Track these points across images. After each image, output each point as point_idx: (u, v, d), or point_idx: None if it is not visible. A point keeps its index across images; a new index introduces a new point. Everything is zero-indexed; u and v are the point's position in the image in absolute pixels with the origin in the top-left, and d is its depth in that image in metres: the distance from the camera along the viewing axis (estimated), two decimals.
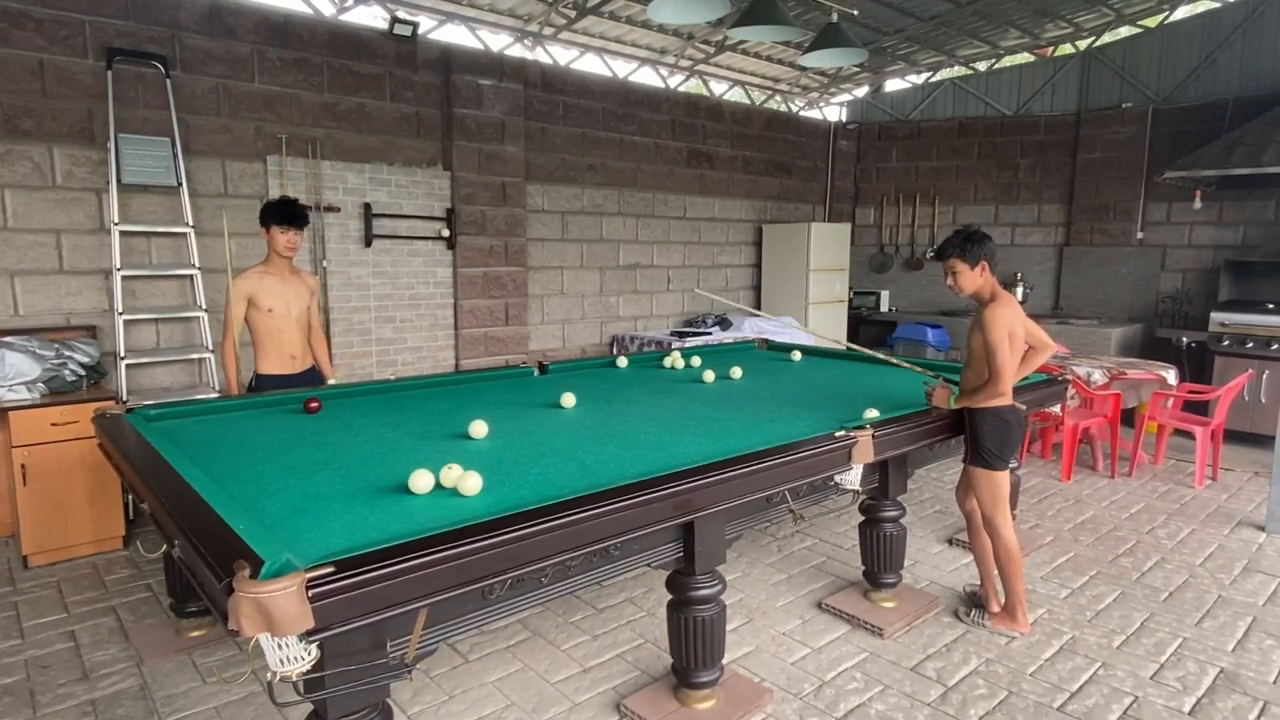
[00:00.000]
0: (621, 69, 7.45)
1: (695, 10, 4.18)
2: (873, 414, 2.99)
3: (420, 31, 5.61)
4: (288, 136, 5.07)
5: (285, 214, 3.60)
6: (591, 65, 7.21)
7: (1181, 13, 7.36)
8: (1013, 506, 3.72)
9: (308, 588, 1.46)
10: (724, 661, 2.59)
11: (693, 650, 2.46)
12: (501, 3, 6.08)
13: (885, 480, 3.16)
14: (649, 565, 2.34)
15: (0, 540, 4.09)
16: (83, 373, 4.07)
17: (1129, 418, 5.72)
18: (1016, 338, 2.94)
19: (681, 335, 6.94)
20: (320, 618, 1.47)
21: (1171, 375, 5.43)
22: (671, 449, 2.59)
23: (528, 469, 2.36)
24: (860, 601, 3.30)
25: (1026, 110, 8.26)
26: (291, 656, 1.49)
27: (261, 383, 3.73)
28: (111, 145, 4.34)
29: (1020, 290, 7.99)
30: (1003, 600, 3.18)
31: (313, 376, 3.89)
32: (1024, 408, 3.22)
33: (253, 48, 4.91)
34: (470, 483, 2.11)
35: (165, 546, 2.08)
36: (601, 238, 7.06)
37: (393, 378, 4.87)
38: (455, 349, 6.08)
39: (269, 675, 1.51)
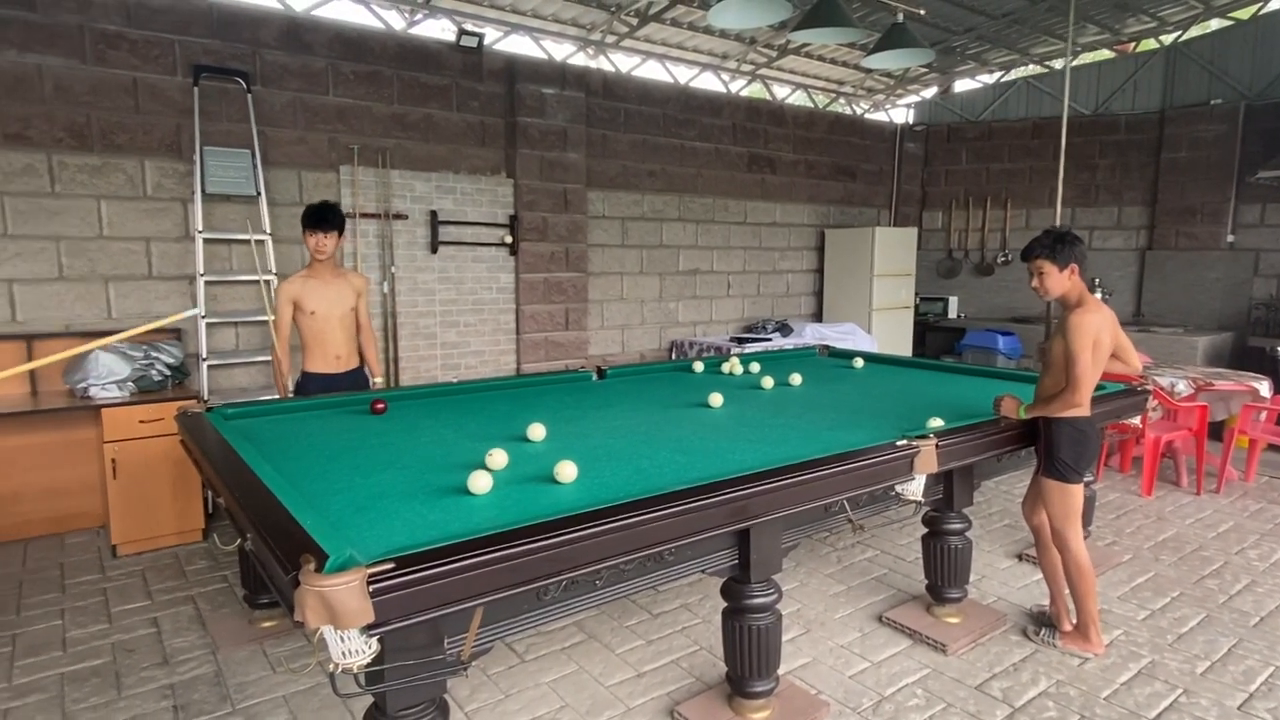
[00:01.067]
0: (683, 75, 7.46)
1: (757, 14, 4.15)
2: (937, 423, 2.91)
3: (485, 43, 5.74)
4: (359, 147, 5.25)
5: (314, 218, 3.69)
6: (653, 72, 7.24)
7: (1277, 2, 6.94)
8: (1086, 522, 3.57)
9: (369, 583, 1.50)
10: (780, 672, 2.55)
11: (748, 659, 2.44)
12: (565, 12, 6.17)
13: (950, 491, 3.07)
14: (704, 572, 2.33)
15: (92, 530, 4.34)
16: (168, 373, 4.30)
17: (1217, 431, 5.40)
18: (1102, 347, 2.80)
19: (741, 341, 6.90)
20: (380, 612, 1.52)
21: (1265, 387, 5.12)
22: (728, 455, 2.57)
23: (584, 472, 2.38)
24: (923, 616, 3.21)
25: (1106, 109, 7.93)
26: (353, 649, 1.54)
27: (306, 380, 3.84)
28: (197, 158, 4.58)
29: (1098, 295, 7.65)
30: (1074, 619, 3.04)
31: (356, 377, 3.96)
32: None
33: (328, 62, 5.11)
34: (567, 471, 2.26)
35: (239, 540, 2.18)
36: (661, 243, 7.08)
37: (456, 381, 4.98)
38: (516, 353, 6.18)
39: (332, 667, 1.56)
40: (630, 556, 1.95)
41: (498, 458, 2.42)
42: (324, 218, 3.71)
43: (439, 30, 5.94)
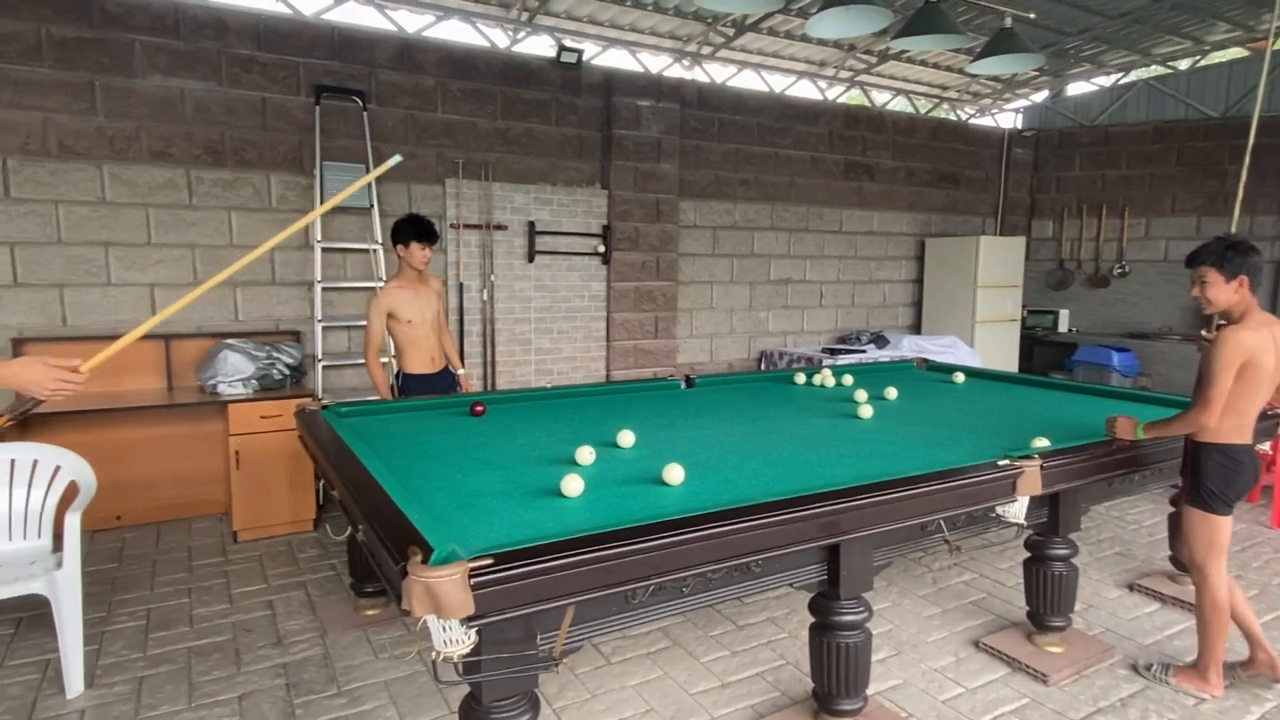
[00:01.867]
0: (779, 83, 7.42)
1: (856, 24, 4.10)
2: (1043, 443, 2.79)
3: (584, 58, 5.89)
4: (464, 161, 5.49)
5: (423, 232, 3.88)
6: (748, 81, 7.23)
7: None
8: None
9: (470, 576, 1.58)
10: (869, 692, 2.51)
11: (835, 676, 2.40)
12: (662, 26, 6.25)
13: (1055, 515, 2.93)
14: (791, 585, 2.31)
15: (216, 516, 4.69)
16: (288, 372, 4.60)
17: None
18: (1257, 370, 2.58)
19: (833, 352, 6.78)
20: (480, 605, 1.59)
21: None
22: (818, 469, 2.55)
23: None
24: (1022, 644, 3.07)
25: (1238, 111, 7.37)
26: (453, 639, 1.62)
27: (407, 381, 4.07)
28: (317, 172, 4.90)
29: None
30: (1194, 656, 2.84)
31: (449, 376, 4.21)
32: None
33: (437, 81, 5.37)
34: (675, 474, 2.35)
35: (350, 530, 2.32)
36: (752, 252, 7.05)
37: (549, 386, 5.12)
38: (606, 360, 6.28)
39: (433, 655, 1.65)
40: (717, 566, 1.96)
41: (585, 454, 2.59)
42: (432, 231, 3.92)
43: (541, 47, 6.14)
